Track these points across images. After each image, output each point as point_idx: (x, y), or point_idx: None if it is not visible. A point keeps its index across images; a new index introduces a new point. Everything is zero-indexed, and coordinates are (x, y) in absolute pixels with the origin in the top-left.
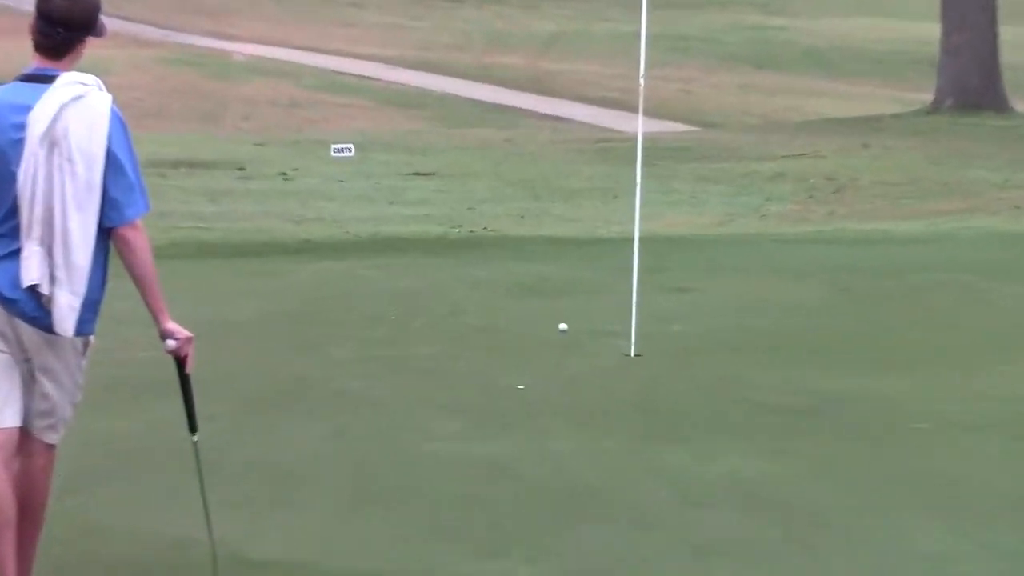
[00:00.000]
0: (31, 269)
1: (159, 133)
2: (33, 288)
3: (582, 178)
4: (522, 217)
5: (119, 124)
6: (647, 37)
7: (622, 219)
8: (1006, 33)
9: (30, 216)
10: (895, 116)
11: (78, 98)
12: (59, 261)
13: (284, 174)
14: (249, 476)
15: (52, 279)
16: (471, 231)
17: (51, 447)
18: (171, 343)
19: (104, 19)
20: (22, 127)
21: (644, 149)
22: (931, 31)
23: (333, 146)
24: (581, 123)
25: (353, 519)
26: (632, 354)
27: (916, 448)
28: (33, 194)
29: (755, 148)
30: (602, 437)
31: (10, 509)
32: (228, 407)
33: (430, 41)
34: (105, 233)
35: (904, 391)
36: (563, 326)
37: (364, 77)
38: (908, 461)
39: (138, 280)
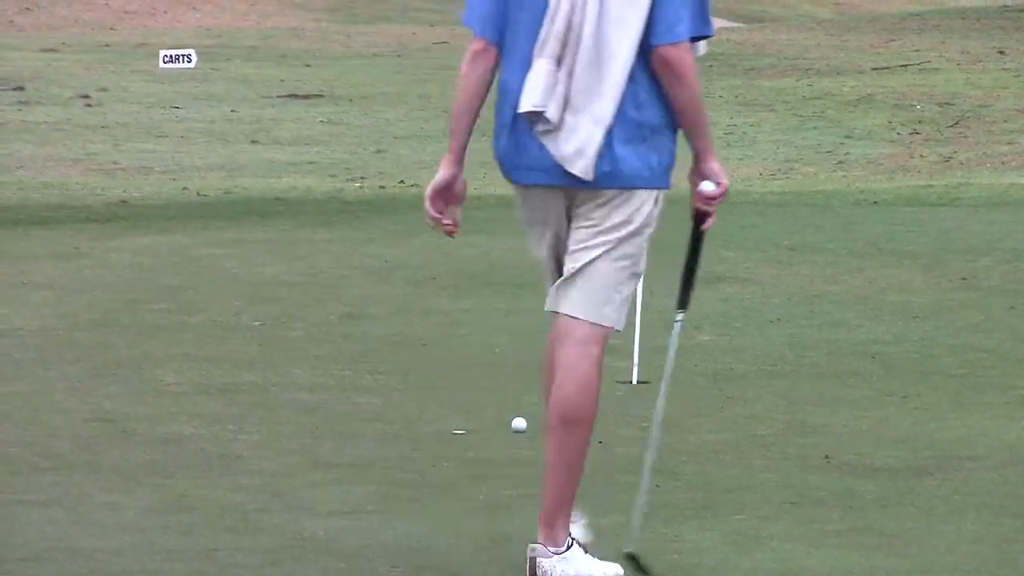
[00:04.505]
0: (533, 90)
1: None
2: (542, 123)
3: None
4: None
5: None
6: None
7: None
8: None
9: (548, 30)
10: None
11: None
12: (580, 83)
13: (87, 97)
14: None
15: (566, 103)
16: (381, 187)
17: (601, 332)
18: (708, 187)
19: None
20: None
21: None
22: None
23: (163, 53)
24: None
25: None
26: (634, 380)
27: None
28: (555, 9)
29: (828, 55)
30: (588, 513)
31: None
32: None
33: None
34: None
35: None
36: (519, 425)
37: None
38: None
39: (681, 113)
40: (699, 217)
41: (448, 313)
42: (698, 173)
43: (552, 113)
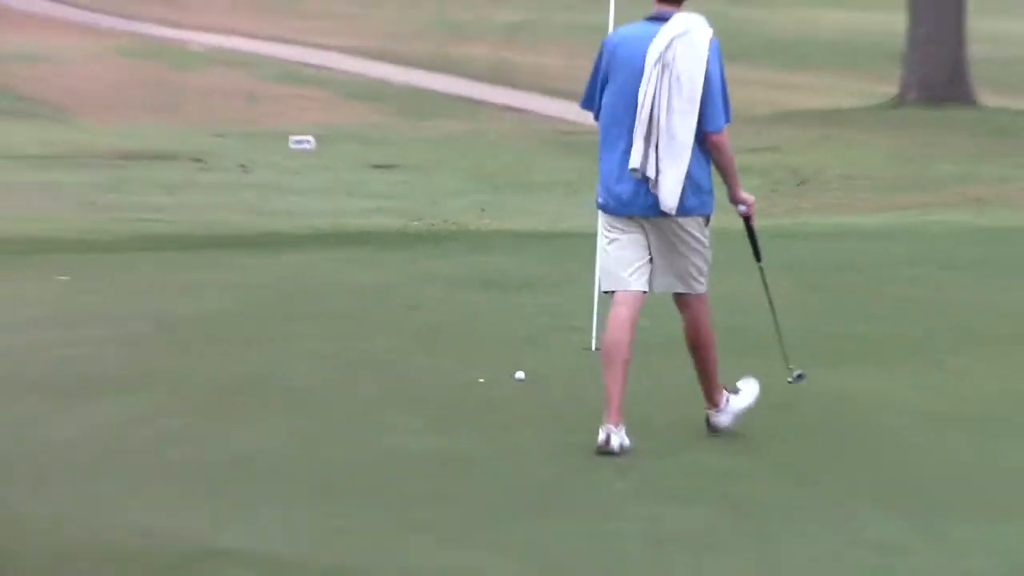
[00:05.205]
0: (635, 159)
1: (118, 124)
2: (643, 178)
3: (544, 171)
4: (483, 210)
5: (716, 54)
6: (613, 28)
7: (584, 213)
8: (974, 25)
9: (638, 120)
10: (859, 109)
11: (685, 33)
12: (664, 152)
13: (243, 166)
14: (211, 471)
15: (657, 166)
16: (431, 224)
17: (700, 296)
18: (741, 208)
19: (63, 7)
20: (644, 54)
21: None
22: (897, 22)
23: (292, 138)
24: (544, 115)
25: (315, 513)
26: (593, 349)
27: (876, 442)
28: (643, 104)
29: None
30: (563, 432)
31: (623, 351)
32: (186, 404)
33: (391, 31)
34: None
35: (868, 386)
36: (520, 375)
37: (323, 68)
38: (867, 454)
39: (721, 170)
40: (747, 220)
41: (472, 305)
42: (732, 200)
43: (650, 173)
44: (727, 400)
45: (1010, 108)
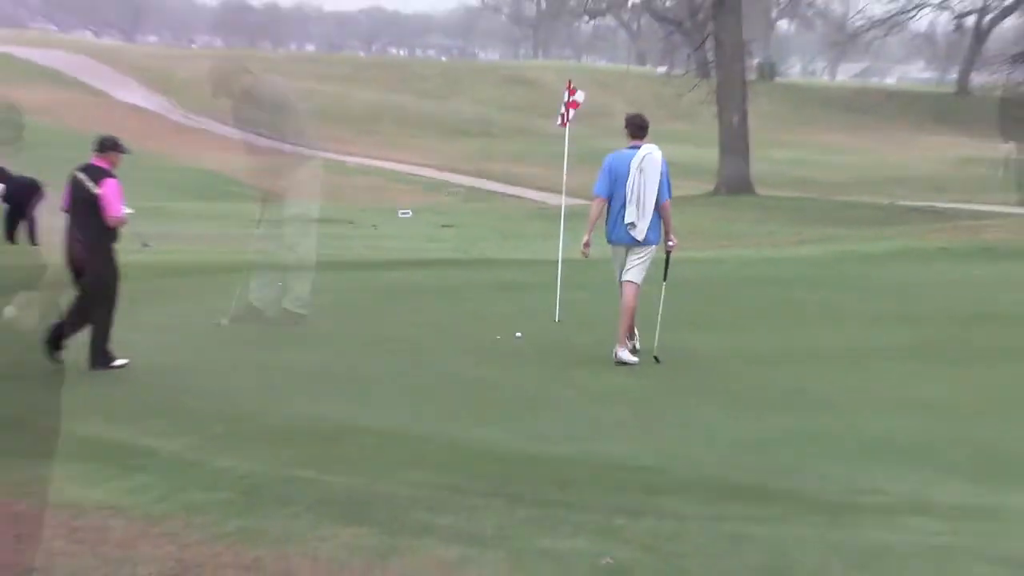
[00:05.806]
0: (630, 215)
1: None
2: (631, 225)
3: (531, 228)
4: (500, 248)
5: (664, 163)
6: (568, 154)
7: (552, 250)
8: (755, 152)
9: (629, 197)
10: (696, 196)
11: (650, 153)
12: (640, 213)
13: (374, 226)
14: (352, 383)
15: (637, 218)
16: (472, 256)
17: (639, 284)
18: (671, 244)
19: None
20: (629, 164)
21: (565, 215)
22: (714, 153)
23: (399, 211)
24: (533, 200)
25: (408, 407)
26: (557, 320)
27: (714, 372)
28: (631, 189)
29: None
30: (541, 365)
31: (631, 303)
32: (343, 350)
33: (453, 155)
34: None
35: (708, 343)
36: (519, 334)
37: (417, 175)
38: (709, 379)
39: (664, 221)
40: (667, 253)
41: (493, 298)
42: (666, 240)
43: (635, 222)
44: (629, 348)
45: (776, 196)
